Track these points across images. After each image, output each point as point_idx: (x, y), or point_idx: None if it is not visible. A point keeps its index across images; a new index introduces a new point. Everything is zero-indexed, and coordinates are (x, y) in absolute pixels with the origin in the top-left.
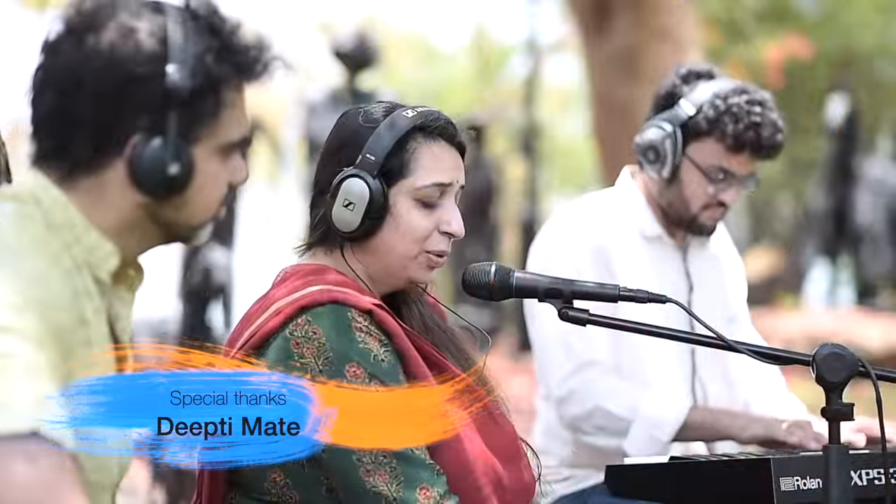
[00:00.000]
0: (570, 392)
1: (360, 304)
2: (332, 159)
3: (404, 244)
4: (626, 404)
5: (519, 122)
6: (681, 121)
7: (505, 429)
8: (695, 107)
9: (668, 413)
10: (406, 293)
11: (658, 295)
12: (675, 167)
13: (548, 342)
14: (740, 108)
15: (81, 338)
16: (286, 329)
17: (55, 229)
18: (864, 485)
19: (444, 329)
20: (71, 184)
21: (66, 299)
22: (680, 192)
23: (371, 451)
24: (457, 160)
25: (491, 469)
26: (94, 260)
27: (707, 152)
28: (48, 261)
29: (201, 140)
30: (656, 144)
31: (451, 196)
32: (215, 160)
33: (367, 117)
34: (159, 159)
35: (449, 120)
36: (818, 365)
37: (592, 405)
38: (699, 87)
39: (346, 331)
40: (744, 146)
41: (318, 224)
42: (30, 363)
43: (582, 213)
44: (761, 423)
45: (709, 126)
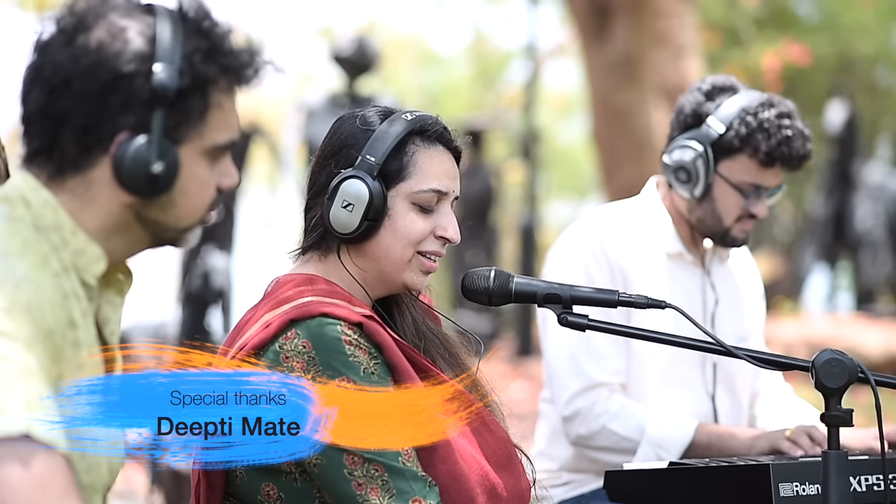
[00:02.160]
0: (576, 412)
1: (350, 316)
2: (327, 163)
3: (400, 247)
4: (633, 425)
5: (518, 127)
6: (711, 139)
7: (499, 435)
8: (724, 124)
9: (674, 434)
10: (399, 298)
11: (657, 300)
12: (708, 185)
13: (557, 359)
14: (771, 124)
15: (70, 340)
16: (276, 342)
17: (44, 231)
18: (864, 491)
19: (437, 334)
20: (59, 183)
21: (56, 301)
22: (712, 208)
23: (363, 464)
24: (453, 166)
25: (485, 478)
26: (82, 263)
27: (739, 169)
28: (37, 263)
29: (187, 141)
30: (687, 165)
31: (447, 203)
32: (202, 162)
33: (364, 121)
34: (142, 158)
35: (445, 125)
36: (817, 371)
37: (599, 426)
38: (725, 102)
39: (336, 344)
40: (775, 160)
41: (315, 227)
42: (20, 365)
43: (602, 228)
44: (765, 436)
45: (741, 143)
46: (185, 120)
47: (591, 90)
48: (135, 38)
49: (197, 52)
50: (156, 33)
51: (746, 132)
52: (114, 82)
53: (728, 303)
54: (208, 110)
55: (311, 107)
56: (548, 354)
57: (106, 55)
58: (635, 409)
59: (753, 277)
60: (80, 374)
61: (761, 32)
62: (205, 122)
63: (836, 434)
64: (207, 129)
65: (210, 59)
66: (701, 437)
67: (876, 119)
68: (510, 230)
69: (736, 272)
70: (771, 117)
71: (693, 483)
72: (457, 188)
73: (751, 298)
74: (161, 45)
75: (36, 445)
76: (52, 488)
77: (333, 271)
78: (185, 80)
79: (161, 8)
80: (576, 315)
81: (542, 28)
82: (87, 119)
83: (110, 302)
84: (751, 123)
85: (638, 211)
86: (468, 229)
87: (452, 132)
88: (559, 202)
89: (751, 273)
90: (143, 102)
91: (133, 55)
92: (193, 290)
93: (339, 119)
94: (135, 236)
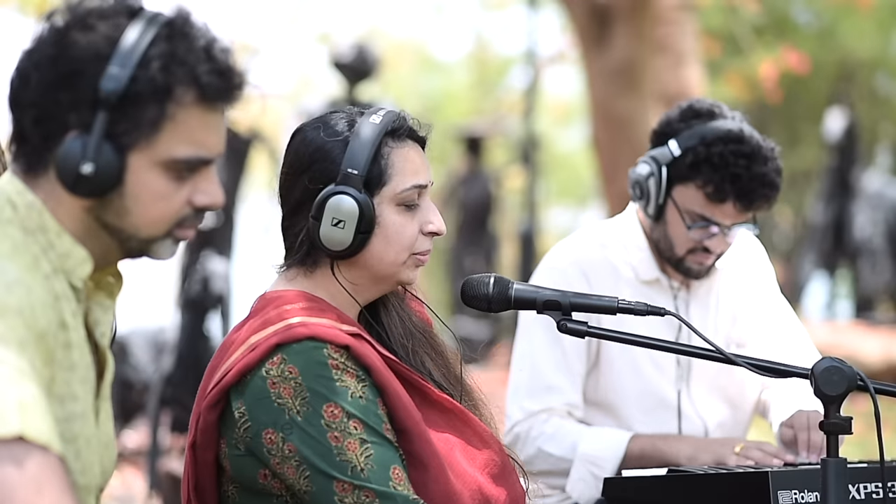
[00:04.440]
0: (516, 437)
1: (337, 338)
2: (299, 178)
3: (395, 252)
4: (566, 444)
5: (518, 133)
6: (666, 160)
7: (491, 444)
8: (681, 149)
9: (606, 449)
10: (385, 298)
11: (656, 308)
12: (661, 206)
13: (511, 385)
14: (722, 159)
15: (62, 341)
16: (262, 368)
17: (31, 233)
18: (862, 498)
19: (424, 333)
20: (33, 180)
21: (47, 303)
22: (665, 232)
23: (353, 491)
24: (424, 157)
25: (478, 492)
26: (68, 266)
27: (688, 197)
28: (28, 265)
29: (136, 148)
30: (640, 181)
31: (426, 195)
32: (156, 173)
33: (330, 131)
34: (73, 157)
35: (409, 118)
36: (817, 378)
37: (535, 449)
38: (694, 127)
39: (322, 369)
40: (725, 198)
41: (300, 245)
42: (13, 368)
43: (575, 255)
44: (711, 449)
45: (689, 172)
46: (134, 126)
47: (591, 97)
48: (98, 38)
49: (158, 59)
50: (121, 35)
51: (694, 161)
52: (66, 78)
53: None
54: (163, 121)
55: (310, 113)
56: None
57: (68, 51)
58: (570, 429)
59: (753, 275)
60: (72, 375)
61: (761, 40)
62: (157, 133)
63: (835, 442)
64: (161, 140)
65: (169, 68)
66: (634, 448)
67: (875, 127)
68: (510, 236)
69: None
70: (725, 153)
71: (692, 490)
72: (431, 175)
73: (749, 301)
74: (121, 48)
75: (31, 447)
76: (49, 489)
77: (321, 285)
78: (137, 85)
79: (148, 13)
80: (575, 322)
81: (543, 35)
82: (40, 112)
83: (100, 304)
84: (701, 154)
85: (614, 236)
86: (468, 235)
87: (414, 122)
88: (559, 209)
89: (750, 271)
90: (87, 102)
91: (90, 54)
92: (193, 296)
93: (298, 130)
94: (104, 243)
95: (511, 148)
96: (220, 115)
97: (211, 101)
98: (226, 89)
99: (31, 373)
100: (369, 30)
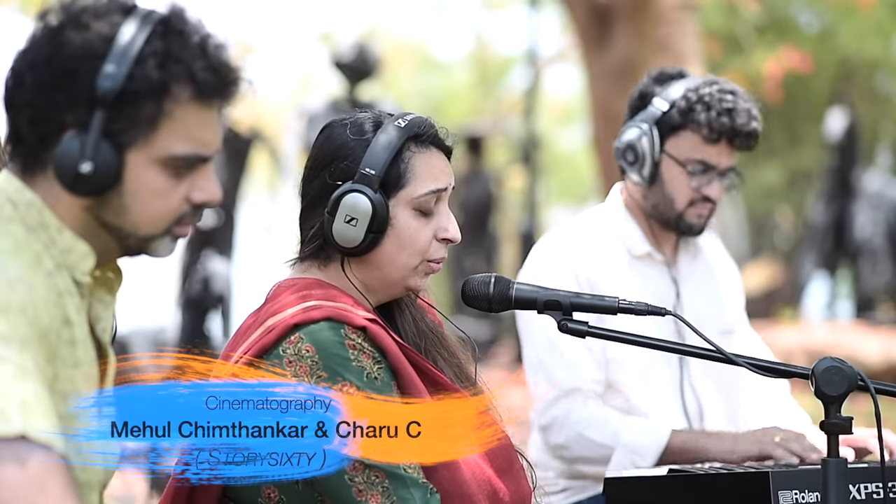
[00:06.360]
0: (552, 421)
1: (354, 320)
2: (320, 173)
3: (406, 256)
4: (608, 431)
5: (519, 133)
6: (655, 118)
7: (502, 441)
8: (668, 102)
9: (648, 439)
10: (399, 298)
11: (657, 307)
12: (655, 165)
13: (531, 369)
14: (712, 97)
15: (66, 338)
16: (279, 347)
17: (33, 231)
18: (863, 498)
19: (436, 333)
20: (31, 179)
21: (50, 301)
22: (663, 190)
23: (363, 470)
24: (447, 164)
25: (487, 484)
26: (71, 261)
27: (684, 146)
28: (30, 262)
29: (135, 146)
30: (634, 144)
31: (444, 201)
32: (155, 171)
33: (356, 129)
34: (72, 156)
35: (437, 126)
36: (817, 378)
37: (574, 433)
38: (672, 85)
39: (339, 348)
40: (720, 135)
41: (313, 238)
42: (16, 366)
43: (567, 240)
44: (750, 440)
45: (682, 118)
46: (132, 124)
47: (592, 97)
48: (94, 36)
49: (153, 56)
50: (116, 33)
51: (687, 106)
52: (61, 77)
53: (701, 299)
54: (160, 118)
55: (311, 112)
56: (525, 366)
57: (63, 50)
58: (611, 416)
59: (730, 269)
60: (76, 371)
61: (762, 40)
62: (155, 130)
63: (835, 442)
64: (159, 137)
65: (165, 65)
66: (676, 441)
67: (876, 127)
68: (510, 236)
69: (712, 266)
70: (712, 91)
71: (692, 490)
72: (452, 180)
73: (730, 291)
74: (116, 46)
75: (33, 446)
76: (51, 488)
77: (334, 279)
78: (133, 83)
79: (142, 11)
80: (576, 322)
81: (543, 34)
82: (36, 112)
83: (101, 300)
84: (691, 98)
85: (603, 218)
86: (468, 235)
87: (442, 131)
88: (559, 208)
89: (726, 265)
90: (84, 101)
91: (85, 52)
92: (193, 295)
93: (327, 126)
94: (103, 241)
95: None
96: (217, 112)
97: (207, 98)
98: (222, 85)
99: (33, 371)
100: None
